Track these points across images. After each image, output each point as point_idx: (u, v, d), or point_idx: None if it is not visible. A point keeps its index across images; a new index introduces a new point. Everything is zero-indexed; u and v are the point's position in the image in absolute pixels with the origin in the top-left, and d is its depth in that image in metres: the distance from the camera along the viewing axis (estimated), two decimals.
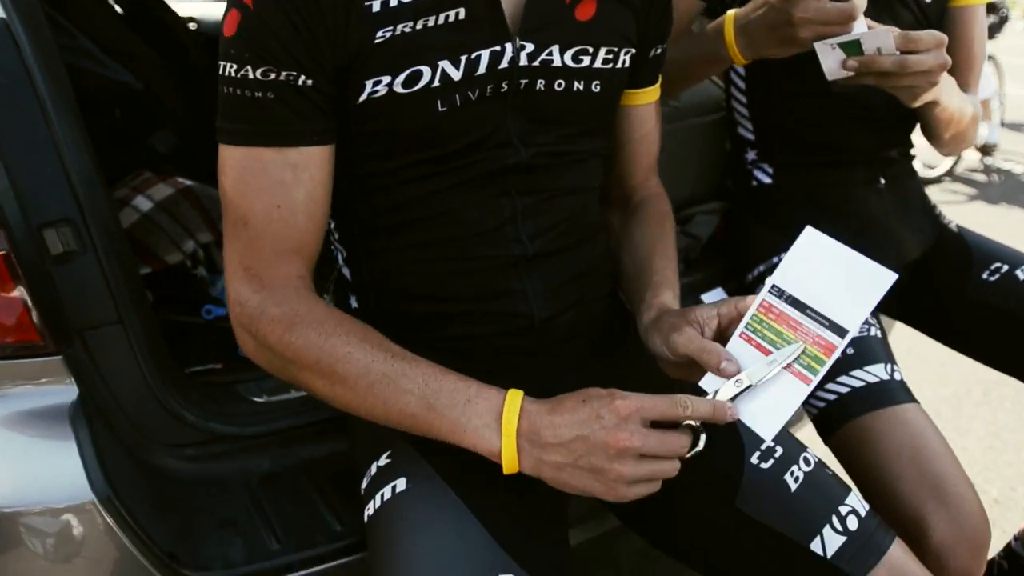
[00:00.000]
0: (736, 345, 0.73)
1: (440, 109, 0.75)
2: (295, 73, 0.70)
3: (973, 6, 1.27)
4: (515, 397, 0.70)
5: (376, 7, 0.71)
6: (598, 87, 0.83)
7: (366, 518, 0.82)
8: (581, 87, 0.81)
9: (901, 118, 1.27)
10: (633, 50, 0.86)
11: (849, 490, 0.88)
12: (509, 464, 0.69)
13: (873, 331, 1.14)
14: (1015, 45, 10.32)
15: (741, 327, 0.74)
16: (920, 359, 2.56)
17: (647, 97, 0.95)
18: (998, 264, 1.26)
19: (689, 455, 0.69)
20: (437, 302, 0.85)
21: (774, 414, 0.71)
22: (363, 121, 0.76)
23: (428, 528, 0.76)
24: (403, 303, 0.87)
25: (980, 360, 1.29)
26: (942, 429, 1.06)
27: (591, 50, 0.81)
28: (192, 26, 3.43)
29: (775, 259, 1.28)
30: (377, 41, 0.71)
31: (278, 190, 0.74)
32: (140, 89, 1.50)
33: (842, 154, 1.28)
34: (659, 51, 0.92)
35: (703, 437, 0.70)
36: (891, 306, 1.36)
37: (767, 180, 1.33)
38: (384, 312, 0.88)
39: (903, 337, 2.51)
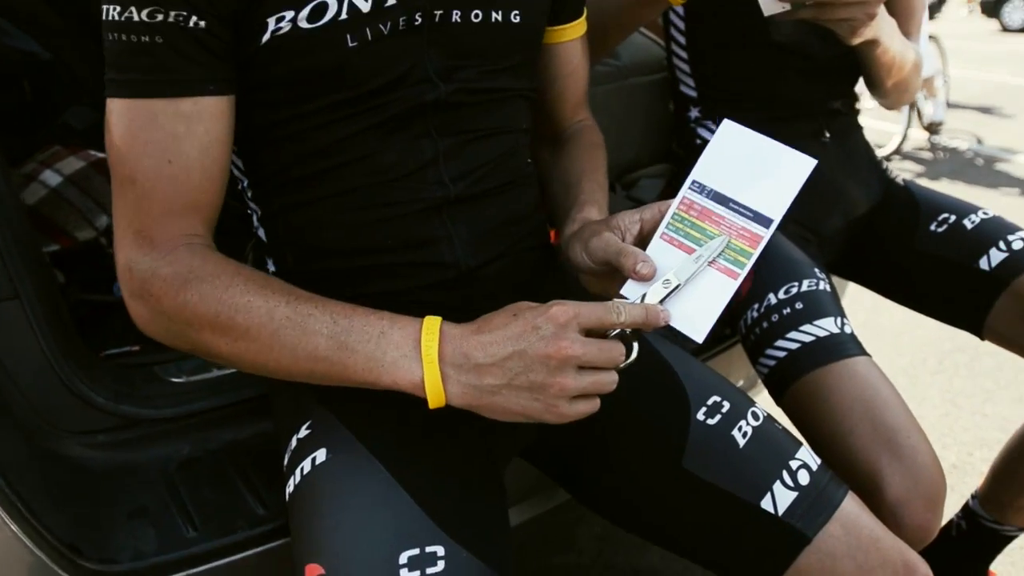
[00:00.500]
0: (658, 247, 0.70)
1: (351, 45, 0.69)
2: (185, 13, 0.64)
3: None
4: (433, 322, 0.65)
5: None
6: (517, 17, 0.77)
7: (287, 496, 0.76)
8: (500, 17, 0.76)
9: (844, 68, 1.24)
10: None
11: (800, 444, 0.84)
12: (434, 395, 0.64)
13: (823, 285, 1.11)
14: (958, 30, 10.59)
15: (662, 228, 0.71)
16: (875, 331, 2.57)
17: (572, 32, 0.91)
18: (945, 215, 1.24)
19: (624, 365, 0.65)
20: (358, 255, 0.79)
21: (704, 314, 0.68)
22: (267, 64, 0.69)
23: (351, 500, 0.70)
24: (322, 260, 0.80)
25: (929, 314, 1.27)
26: None
27: None
28: None
29: None
30: None
31: (169, 144, 0.68)
32: (48, 60, 1.40)
33: (786, 108, 1.24)
34: None
35: (635, 345, 0.66)
36: (840, 264, 1.34)
37: (710, 136, 1.28)
38: (303, 272, 0.82)
39: (859, 310, 2.53)
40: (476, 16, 0.74)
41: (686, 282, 0.67)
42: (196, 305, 0.67)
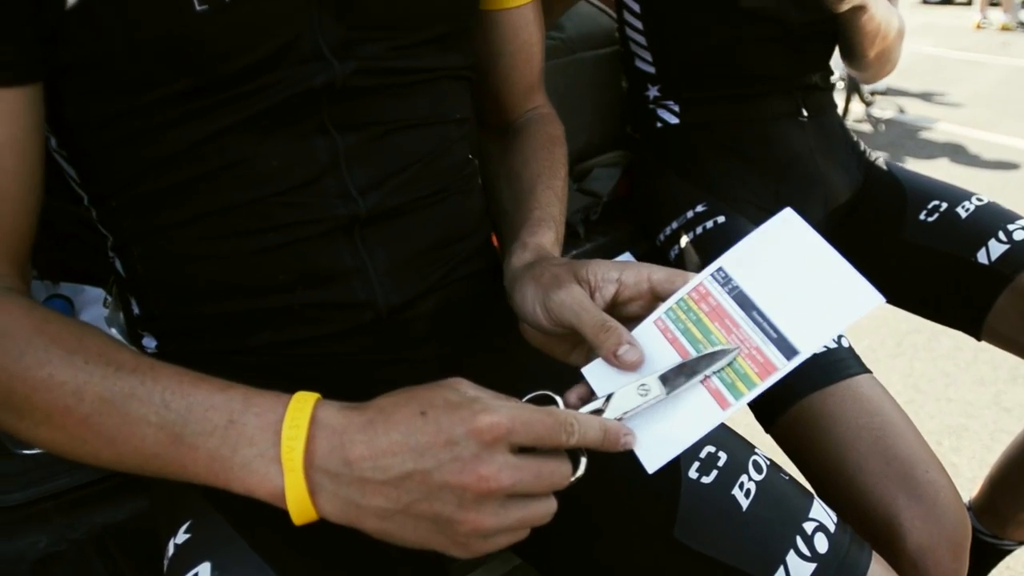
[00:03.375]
0: (646, 333, 0.52)
1: (198, 8, 0.49)
2: None
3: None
4: (303, 404, 0.45)
5: None
6: None
7: None
8: None
9: (821, 36, 1.08)
10: None
11: (811, 498, 0.68)
12: (299, 511, 0.45)
13: None
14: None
15: (662, 311, 0.53)
16: None
17: None
18: (936, 202, 1.10)
19: (567, 485, 0.47)
20: (239, 297, 0.59)
21: (669, 443, 0.50)
22: (82, 39, 0.49)
23: None
24: (193, 303, 0.60)
25: (920, 313, 1.14)
26: None
27: None
28: None
29: (690, 213, 1.07)
30: None
31: None
32: None
33: (757, 83, 1.08)
34: None
35: (583, 461, 0.48)
36: None
37: (673, 120, 1.11)
38: (172, 318, 0.62)
39: None
40: None
41: (671, 394, 0.50)
42: None
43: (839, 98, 4.60)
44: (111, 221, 0.61)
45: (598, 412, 0.50)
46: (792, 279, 0.52)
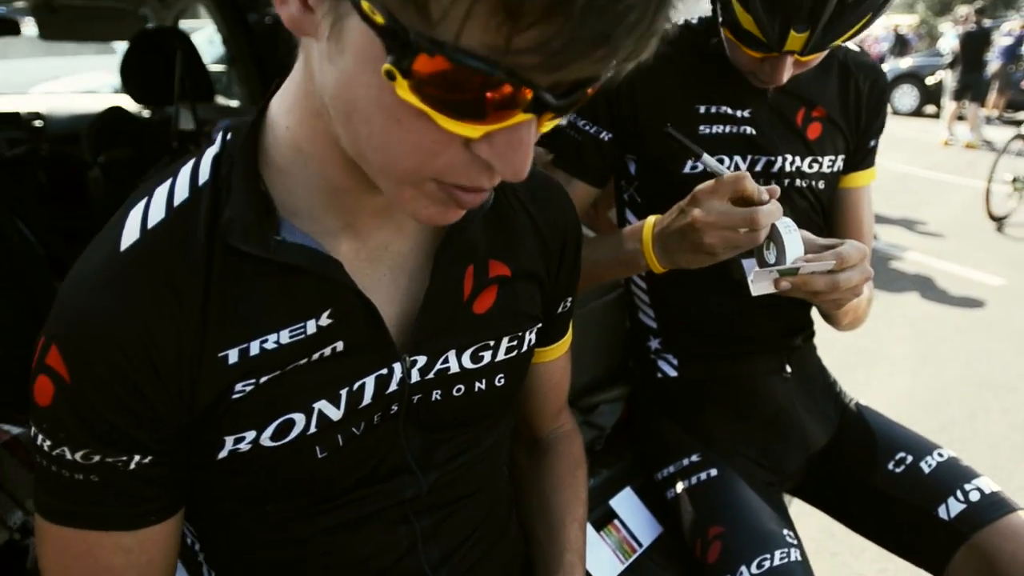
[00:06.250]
0: None
1: (320, 456, 0.61)
2: (125, 458, 0.55)
3: (860, 187, 1.27)
4: None
5: (234, 358, 0.56)
6: (502, 380, 0.71)
7: None
8: (483, 386, 0.69)
9: (803, 304, 1.24)
10: (540, 324, 0.76)
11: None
12: None
13: (794, 555, 1.07)
14: None
15: None
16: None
17: (557, 351, 0.85)
18: (903, 454, 1.24)
19: None
20: None
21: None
22: (225, 475, 0.61)
23: None
24: None
25: (889, 550, 1.26)
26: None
27: (492, 344, 0.69)
28: (38, 123, 3.12)
29: (685, 461, 1.20)
30: (236, 397, 0.57)
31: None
32: None
33: (747, 344, 1.23)
34: (567, 305, 0.82)
35: None
36: (797, 490, 1.32)
37: (672, 373, 1.25)
38: None
39: None
40: (458, 391, 0.68)
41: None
42: None
43: None
44: (217, 563, 0.71)
45: None
46: None
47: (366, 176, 0.52)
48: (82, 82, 5.79)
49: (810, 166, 1.17)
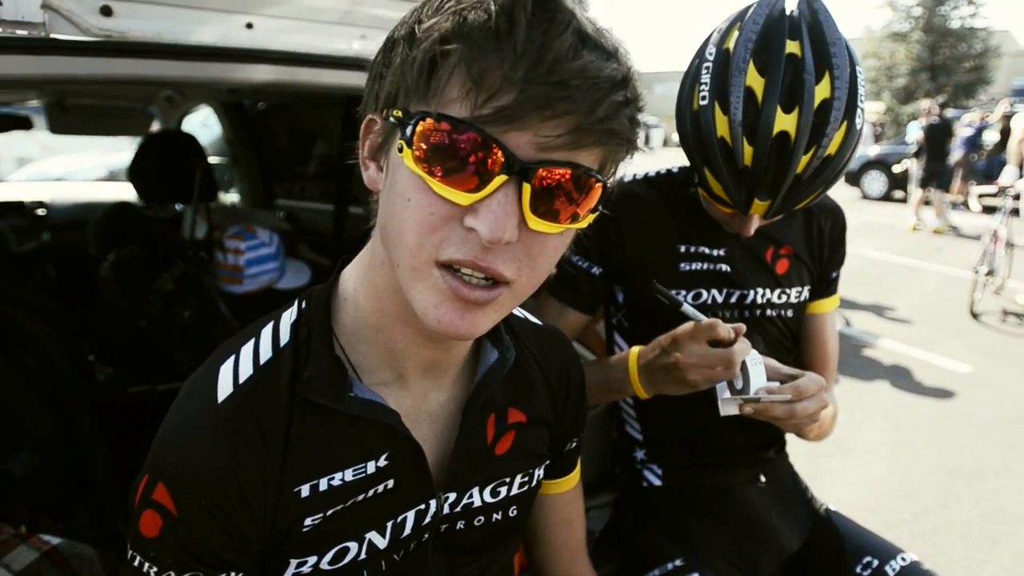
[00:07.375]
0: None
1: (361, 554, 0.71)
2: (223, 575, 0.65)
3: (824, 313, 1.41)
4: None
5: (306, 492, 0.67)
6: (515, 511, 0.82)
7: None
8: (499, 516, 0.81)
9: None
10: (548, 460, 0.86)
11: None
12: None
13: None
14: None
15: None
16: None
17: (565, 485, 0.94)
18: (869, 559, 1.34)
19: None
20: None
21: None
22: (299, 553, 0.70)
23: None
24: None
25: None
26: None
27: (508, 480, 0.80)
28: (41, 212, 3.24)
29: (670, 565, 1.29)
30: (306, 529, 0.67)
31: None
32: None
33: (724, 455, 1.34)
34: (574, 444, 0.93)
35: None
36: None
37: (657, 482, 1.36)
38: None
39: None
40: (479, 521, 0.79)
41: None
42: None
43: None
44: None
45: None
46: None
47: (416, 336, 0.65)
48: (74, 163, 5.89)
49: (779, 297, 1.31)
